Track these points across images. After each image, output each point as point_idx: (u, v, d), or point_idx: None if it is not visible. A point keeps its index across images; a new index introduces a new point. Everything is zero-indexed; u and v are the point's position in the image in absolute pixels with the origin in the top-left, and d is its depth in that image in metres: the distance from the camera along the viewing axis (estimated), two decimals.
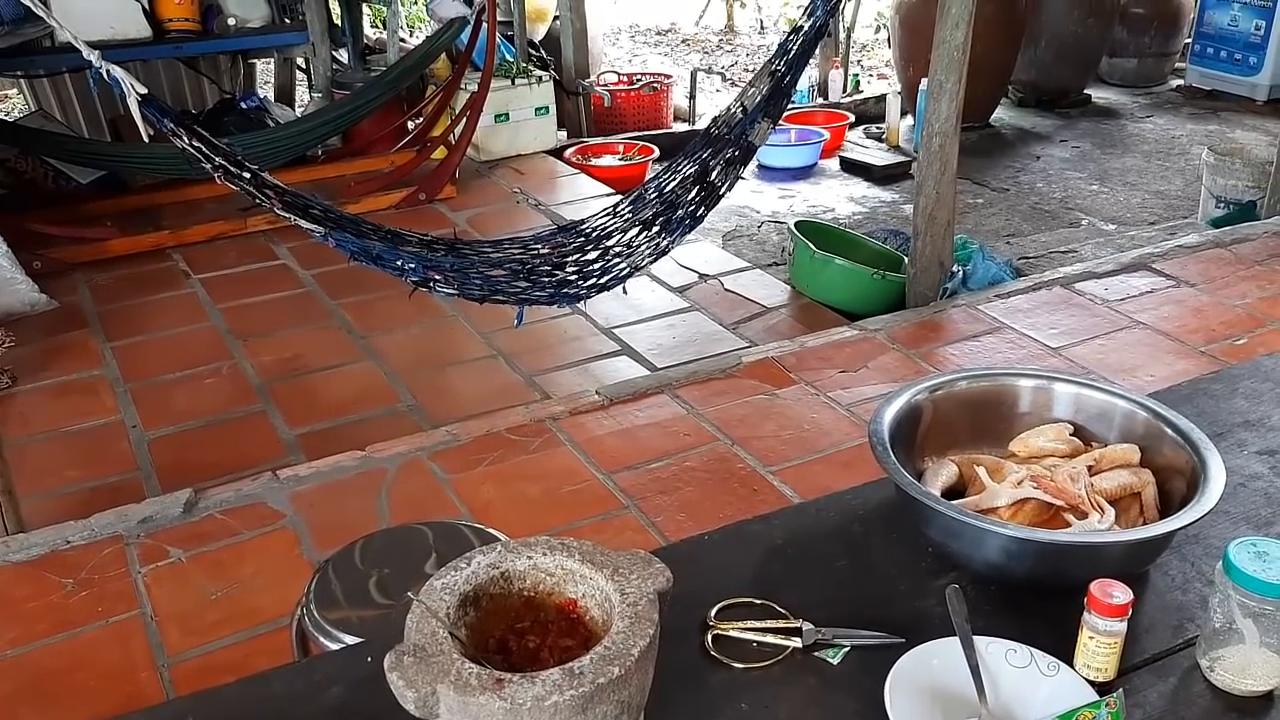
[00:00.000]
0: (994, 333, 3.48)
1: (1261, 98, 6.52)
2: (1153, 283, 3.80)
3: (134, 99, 2.65)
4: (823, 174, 5.75)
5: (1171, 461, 1.33)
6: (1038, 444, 1.40)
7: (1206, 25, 6.70)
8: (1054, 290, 3.76)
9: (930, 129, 3.52)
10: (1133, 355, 3.31)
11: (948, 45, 3.38)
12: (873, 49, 8.52)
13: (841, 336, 3.50)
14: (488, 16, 5.10)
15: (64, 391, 3.45)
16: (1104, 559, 1.20)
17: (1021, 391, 1.45)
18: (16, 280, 3.81)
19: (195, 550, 2.56)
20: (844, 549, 1.34)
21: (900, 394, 1.40)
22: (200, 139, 2.73)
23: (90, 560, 2.53)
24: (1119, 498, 1.30)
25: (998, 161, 5.88)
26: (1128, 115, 6.62)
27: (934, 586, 1.24)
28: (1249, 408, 1.62)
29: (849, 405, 3.09)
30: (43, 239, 4.23)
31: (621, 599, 1.02)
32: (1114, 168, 5.75)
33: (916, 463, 1.40)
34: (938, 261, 3.68)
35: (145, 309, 3.99)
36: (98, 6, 4.55)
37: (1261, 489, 1.43)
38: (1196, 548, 1.31)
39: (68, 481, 2.96)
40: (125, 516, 2.66)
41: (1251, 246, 4.06)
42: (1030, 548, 1.19)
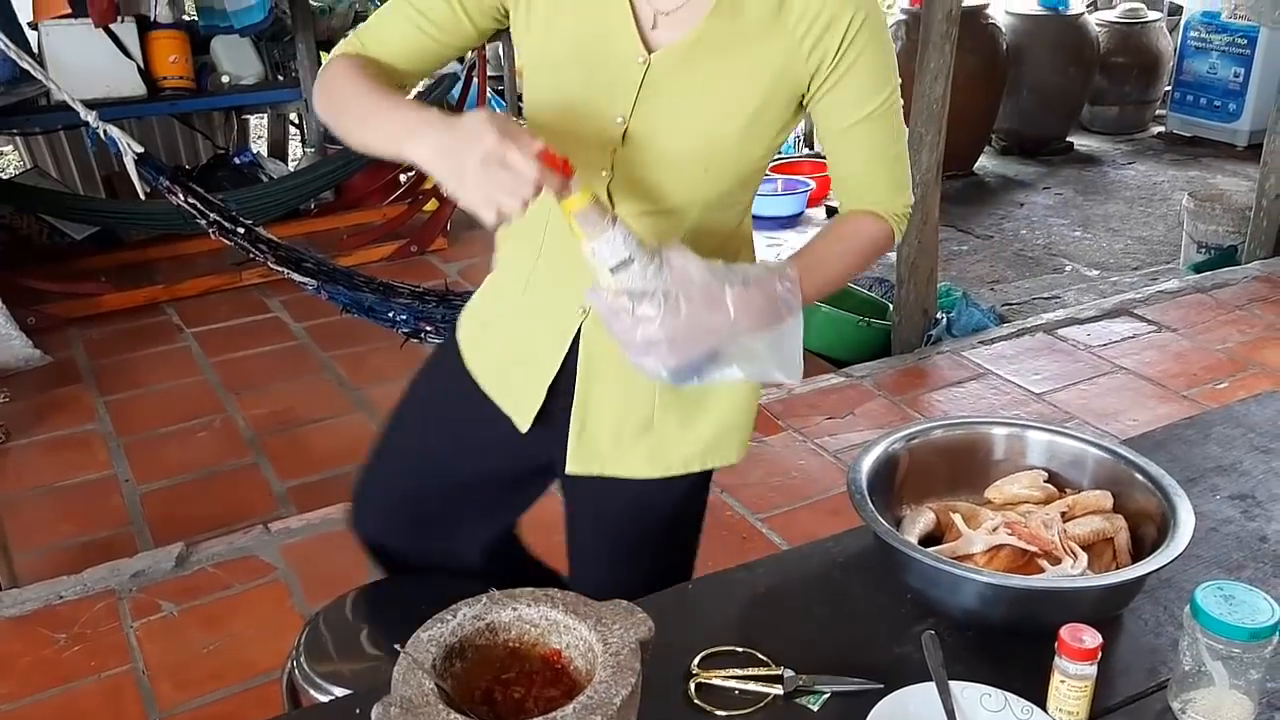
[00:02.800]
0: (978, 379, 3.53)
1: (1242, 143, 6.63)
2: (1135, 328, 3.85)
3: (130, 157, 2.70)
4: (809, 222, 5.82)
5: (1143, 507, 1.36)
6: (1012, 491, 1.43)
7: (1186, 73, 6.83)
8: (1037, 336, 3.81)
9: (912, 180, 3.58)
10: (1115, 400, 3.35)
11: (927, 98, 3.45)
12: None
13: (828, 383, 3.54)
14: (478, 72, 5.19)
15: (57, 446, 3.47)
16: (1077, 603, 1.22)
17: (996, 439, 1.49)
18: (11, 336, 3.83)
19: (187, 604, 2.57)
20: (825, 596, 1.37)
21: (878, 443, 1.44)
22: (195, 195, 2.78)
23: (83, 615, 2.54)
24: (1092, 543, 1.33)
25: (982, 209, 5.96)
26: (1110, 162, 6.72)
27: (912, 633, 1.26)
28: (1221, 453, 1.65)
29: (836, 452, 3.13)
30: (37, 295, 4.27)
31: (604, 649, 1.04)
32: (1097, 214, 5.83)
33: (895, 510, 1.43)
34: (922, 309, 3.74)
35: (139, 363, 4.02)
36: (94, 65, 4.61)
37: (1233, 533, 1.46)
38: (1169, 591, 1.34)
39: (61, 536, 2.97)
40: (118, 571, 2.67)
41: (1232, 291, 4.13)
42: (1005, 593, 1.22)
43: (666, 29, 1.21)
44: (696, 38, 1.20)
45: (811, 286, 1.23)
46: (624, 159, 1.24)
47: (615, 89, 1.22)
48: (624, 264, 1.12)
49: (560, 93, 1.25)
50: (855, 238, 1.33)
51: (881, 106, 1.26)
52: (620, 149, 1.23)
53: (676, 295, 1.10)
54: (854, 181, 1.32)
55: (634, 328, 1.12)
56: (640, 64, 1.20)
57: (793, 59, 1.21)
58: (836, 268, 1.31)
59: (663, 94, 1.22)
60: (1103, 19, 7.00)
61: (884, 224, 1.34)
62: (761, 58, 1.21)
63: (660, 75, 1.21)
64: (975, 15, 5.87)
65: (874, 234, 1.33)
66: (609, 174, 1.25)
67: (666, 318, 1.10)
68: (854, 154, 1.29)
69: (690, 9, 1.20)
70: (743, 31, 1.20)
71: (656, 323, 1.10)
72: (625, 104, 1.22)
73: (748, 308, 1.12)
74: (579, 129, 1.23)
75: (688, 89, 1.22)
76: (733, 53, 1.21)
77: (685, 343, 1.11)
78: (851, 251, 1.32)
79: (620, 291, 1.12)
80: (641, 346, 1.12)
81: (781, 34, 1.20)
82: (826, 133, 1.29)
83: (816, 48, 1.20)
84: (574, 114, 1.23)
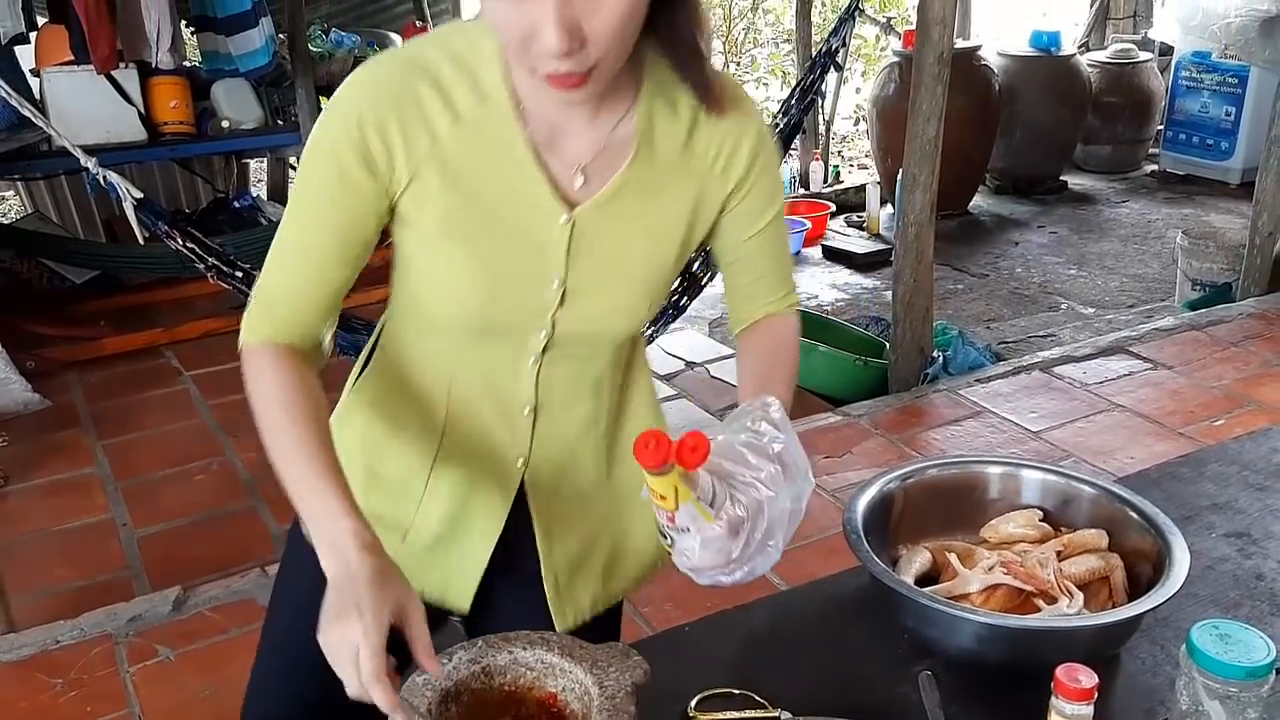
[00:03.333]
0: (975, 417, 3.53)
1: (1234, 181, 6.68)
2: (1130, 366, 3.86)
3: (129, 203, 2.73)
4: (806, 262, 5.86)
5: (1138, 546, 1.37)
6: (1008, 530, 1.43)
7: (1178, 112, 6.89)
8: (1033, 374, 3.82)
9: (906, 219, 3.61)
10: (1112, 438, 3.36)
11: (920, 139, 3.49)
12: (852, 140, 8.71)
13: (826, 422, 3.55)
14: None
15: (55, 491, 3.46)
16: (1074, 643, 1.22)
17: (990, 479, 1.49)
18: (10, 380, 3.85)
19: (184, 649, 2.56)
20: (823, 636, 1.37)
21: (873, 483, 1.44)
22: (194, 240, 2.80)
23: (79, 660, 2.53)
24: (1088, 582, 1.34)
25: (977, 248, 5.99)
26: (1104, 201, 6.76)
27: (909, 673, 1.26)
28: (1216, 491, 1.65)
29: (834, 491, 3.13)
30: (37, 339, 4.29)
31: (600, 692, 1.04)
32: (1091, 252, 5.86)
33: (891, 550, 1.43)
34: (918, 347, 3.75)
35: (137, 406, 4.03)
36: (95, 111, 4.65)
37: (1229, 571, 1.46)
38: (1166, 630, 1.34)
39: (58, 581, 2.96)
40: (114, 615, 2.67)
41: (1227, 328, 4.14)
42: (1001, 633, 1.22)
43: (585, 185, 1.18)
44: (618, 187, 1.19)
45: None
46: (564, 316, 1.22)
47: (544, 252, 1.18)
48: (685, 530, 1.06)
49: (482, 272, 1.18)
50: (787, 346, 1.36)
51: (778, 213, 1.31)
52: (560, 309, 1.22)
53: (759, 508, 1.07)
54: (756, 286, 1.35)
55: (731, 555, 1.08)
56: (565, 224, 1.17)
57: (708, 187, 1.24)
58: (791, 384, 1.33)
59: (594, 248, 1.20)
60: (1094, 59, 7.07)
61: (790, 319, 1.38)
62: (681, 192, 1.22)
63: (588, 230, 1.19)
64: (968, 57, 5.93)
65: (793, 335, 1.38)
66: (547, 334, 1.23)
67: (752, 534, 1.08)
68: (756, 261, 1.33)
69: (606, 160, 1.18)
70: (659, 172, 1.21)
71: (746, 545, 1.08)
72: (558, 265, 1.19)
73: (784, 483, 1.11)
74: (510, 301, 1.20)
75: (619, 237, 1.21)
76: (654, 194, 1.21)
77: (759, 544, 1.10)
78: (793, 361, 1.35)
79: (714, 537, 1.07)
80: (733, 567, 1.09)
81: (694, 166, 1.22)
82: (731, 245, 1.31)
83: (728, 172, 1.23)
84: (502, 289, 1.19)
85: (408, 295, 1.26)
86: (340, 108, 1.13)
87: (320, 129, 1.14)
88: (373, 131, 1.11)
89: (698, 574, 1.08)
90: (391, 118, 1.11)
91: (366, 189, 1.14)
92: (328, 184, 1.14)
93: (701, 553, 1.05)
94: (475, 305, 1.19)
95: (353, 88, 1.13)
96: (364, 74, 1.14)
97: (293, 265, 1.18)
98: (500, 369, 1.26)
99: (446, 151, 1.14)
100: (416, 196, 1.15)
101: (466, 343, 1.25)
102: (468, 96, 1.14)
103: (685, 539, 1.05)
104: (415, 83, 1.12)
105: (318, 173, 1.14)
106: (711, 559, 1.06)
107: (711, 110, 1.19)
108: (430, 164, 1.14)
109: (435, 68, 1.13)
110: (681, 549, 1.06)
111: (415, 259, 1.20)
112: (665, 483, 1.02)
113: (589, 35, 1.01)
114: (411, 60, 1.14)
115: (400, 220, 1.18)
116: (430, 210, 1.15)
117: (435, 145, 1.13)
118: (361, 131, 1.11)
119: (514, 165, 1.15)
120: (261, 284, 1.19)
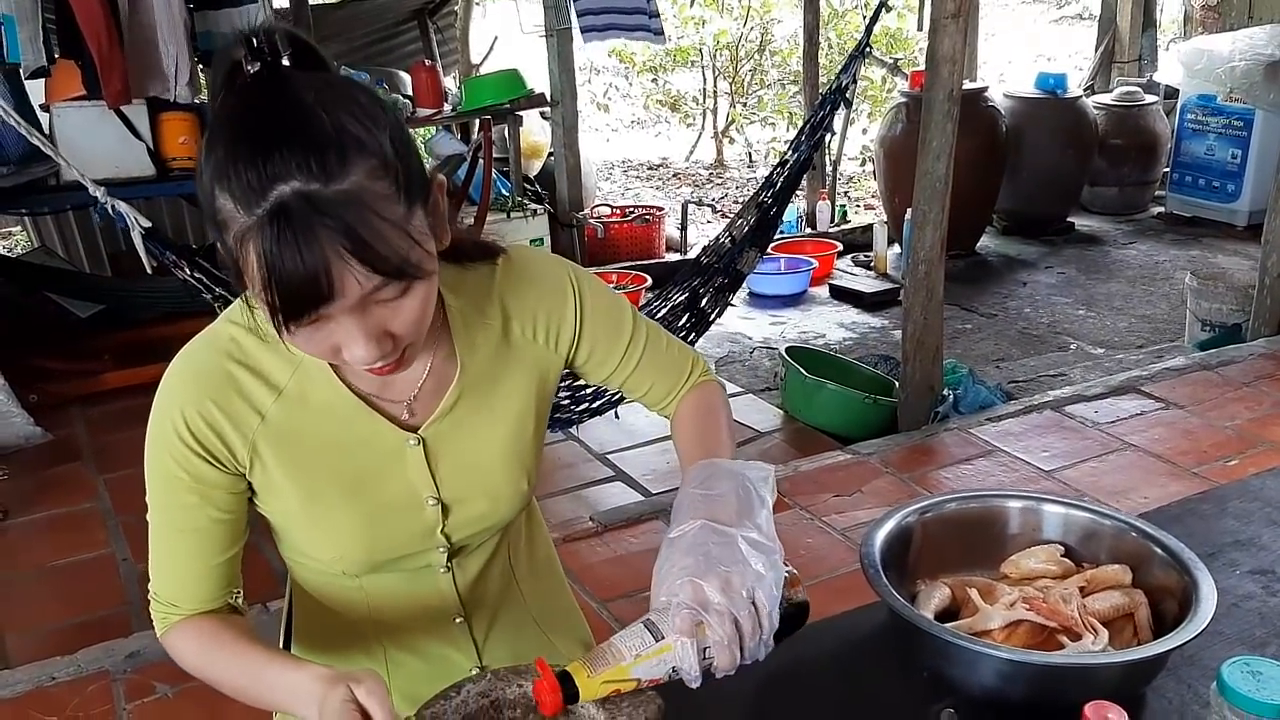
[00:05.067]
0: (986, 456, 3.50)
1: (1241, 223, 6.67)
2: (1142, 405, 3.83)
3: (138, 232, 2.72)
4: (813, 301, 5.84)
5: (1163, 582, 1.33)
6: (1029, 565, 1.39)
7: (1184, 154, 6.90)
8: (1045, 413, 3.79)
9: (916, 257, 3.60)
10: (1125, 477, 3.32)
11: (930, 176, 3.48)
12: (859, 180, 8.74)
13: (834, 460, 3.51)
14: (484, 153, 5.25)
15: (55, 525, 3.43)
16: (1099, 680, 1.19)
17: (1011, 513, 1.46)
18: (13, 414, 3.82)
19: (182, 685, 2.51)
20: (839, 675, 1.33)
21: (890, 516, 1.41)
22: (201, 270, 2.79)
23: (76, 697, 2.49)
24: (1112, 619, 1.30)
25: (985, 288, 5.98)
26: (1111, 242, 6.76)
27: (929, 711, 1.22)
28: (1239, 527, 1.62)
29: (844, 530, 3.09)
30: (41, 373, 4.27)
31: None
32: (1100, 293, 5.84)
33: (909, 586, 1.39)
34: (928, 386, 3.72)
35: (139, 441, 3.96)
36: (104, 146, 4.65)
37: (1255, 609, 1.43)
38: (1192, 670, 1.30)
39: (55, 618, 2.92)
40: (112, 651, 2.62)
41: (1238, 369, 4.11)
42: (1025, 670, 1.19)
43: (420, 408, 1.19)
44: (452, 402, 1.20)
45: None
46: (453, 526, 1.23)
47: (408, 479, 1.19)
48: (675, 670, 1.02)
49: (354, 519, 1.18)
50: (713, 410, 1.34)
51: (634, 329, 1.31)
52: (446, 523, 1.22)
53: (732, 622, 1.00)
54: (656, 389, 1.35)
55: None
56: (415, 445, 1.18)
57: (545, 360, 1.25)
58: (728, 440, 1.30)
59: (452, 455, 1.21)
60: (1100, 101, 7.09)
61: (707, 387, 1.37)
62: (519, 377, 1.24)
63: (440, 443, 1.20)
64: (975, 98, 5.95)
65: (715, 398, 1.36)
66: (445, 548, 1.24)
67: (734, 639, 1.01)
68: (642, 375, 1.33)
69: (434, 385, 1.19)
70: (488, 372, 1.22)
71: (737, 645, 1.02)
72: (426, 485, 1.20)
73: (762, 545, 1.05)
74: (393, 534, 1.20)
75: (472, 438, 1.22)
76: (491, 391, 1.22)
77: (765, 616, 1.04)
78: (723, 420, 1.33)
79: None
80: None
81: (521, 352, 1.24)
82: (608, 376, 1.33)
83: (558, 340, 1.25)
84: (380, 527, 1.19)
85: (295, 552, 1.26)
86: (166, 404, 1.13)
87: (153, 427, 1.14)
88: (201, 423, 1.12)
89: (730, 669, 1.03)
90: (215, 405, 1.12)
91: (216, 478, 1.14)
92: (178, 486, 1.14)
93: (699, 664, 1.01)
94: (361, 549, 1.19)
95: (171, 379, 1.14)
96: (180, 364, 1.15)
97: (177, 565, 1.18)
98: (416, 591, 1.27)
99: (278, 426, 1.14)
100: (263, 472, 1.16)
101: (373, 577, 1.25)
102: (283, 369, 1.14)
103: (683, 674, 1.01)
104: (229, 366, 1.13)
105: (165, 476, 1.14)
106: (719, 658, 1.01)
107: (495, 263, 1.20)
108: (264, 440, 1.14)
109: (244, 348, 1.14)
110: (694, 679, 1.02)
111: (285, 526, 1.21)
112: (595, 691, 1.00)
113: (396, 333, 1.01)
114: (220, 344, 1.15)
115: (258, 495, 1.19)
116: (279, 481, 1.16)
117: (265, 422, 1.14)
118: (190, 427, 1.11)
119: (347, 419, 1.16)
120: (155, 586, 1.19)
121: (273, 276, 0.92)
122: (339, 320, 0.97)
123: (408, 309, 1.00)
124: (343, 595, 1.27)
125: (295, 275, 0.92)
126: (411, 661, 1.29)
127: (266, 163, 0.91)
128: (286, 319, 0.95)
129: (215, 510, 1.15)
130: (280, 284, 0.93)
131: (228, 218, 0.94)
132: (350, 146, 0.93)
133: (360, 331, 0.98)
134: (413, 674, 1.31)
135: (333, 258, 0.92)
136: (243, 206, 0.92)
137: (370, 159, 0.94)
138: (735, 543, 1.03)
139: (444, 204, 1.07)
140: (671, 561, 1.03)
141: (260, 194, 0.91)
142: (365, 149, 0.94)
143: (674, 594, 1.00)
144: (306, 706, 1.02)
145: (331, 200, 0.91)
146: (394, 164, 0.96)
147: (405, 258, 0.96)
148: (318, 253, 0.91)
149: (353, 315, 0.97)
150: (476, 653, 1.33)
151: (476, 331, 1.20)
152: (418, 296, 1.00)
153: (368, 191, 0.94)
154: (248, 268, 0.95)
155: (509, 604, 1.37)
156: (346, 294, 0.94)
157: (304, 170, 0.91)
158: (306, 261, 0.91)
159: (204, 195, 0.96)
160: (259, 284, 0.94)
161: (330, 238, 0.91)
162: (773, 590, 1.03)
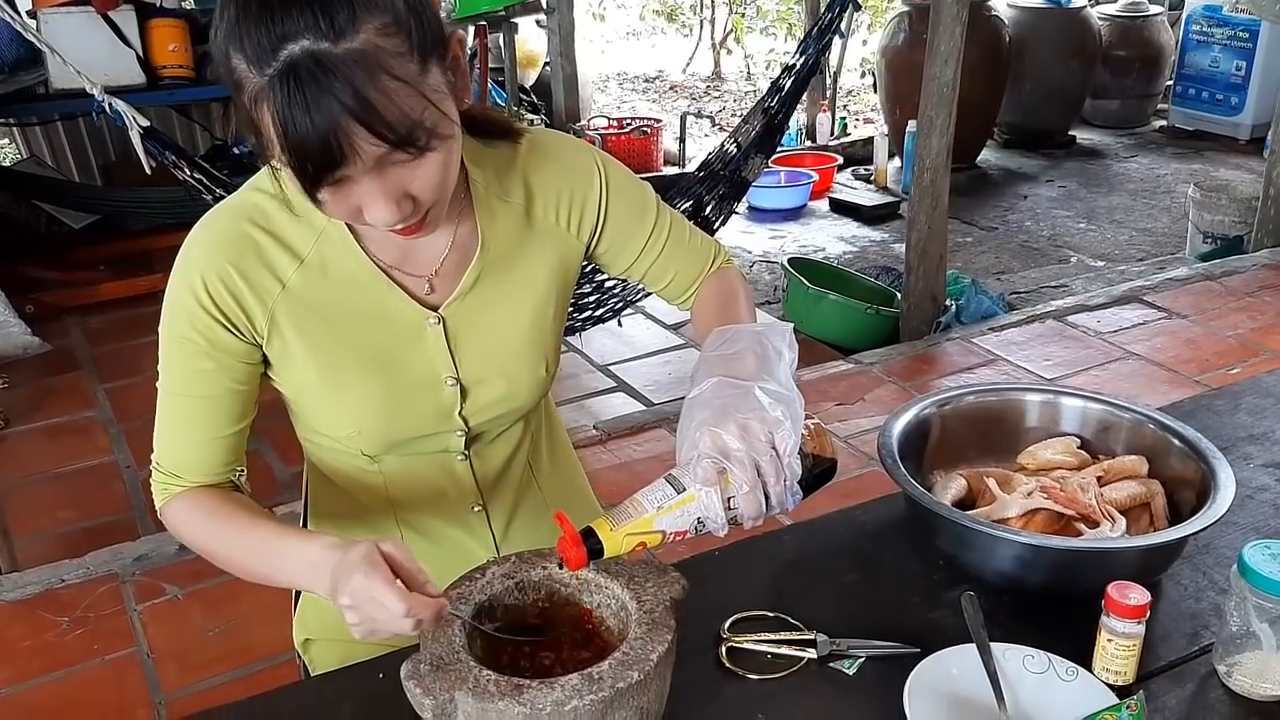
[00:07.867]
0: (989, 365, 3.50)
1: (1244, 137, 6.61)
2: (1144, 315, 3.83)
3: (136, 131, 2.68)
4: (813, 215, 5.80)
5: (1179, 472, 1.33)
6: (1046, 456, 1.40)
7: (1188, 67, 6.81)
8: (1047, 323, 3.78)
9: (921, 164, 3.56)
10: (1128, 385, 3.33)
11: (937, 81, 3.42)
12: (859, 94, 8.61)
13: (837, 370, 3.51)
14: (479, 62, 5.16)
15: (57, 433, 3.43)
16: (1118, 565, 1.19)
17: (1028, 406, 1.46)
18: (10, 324, 3.80)
19: (192, 587, 2.54)
20: (855, 563, 1.34)
21: (908, 408, 1.40)
22: (201, 171, 2.75)
23: (85, 599, 2.50)
24: (1129, 508, 1.30)
25: (985, 201, 5.94)
26: (1112, 155, 6.70)
27: (947, 598, 1.23)
28: (1253, 422, 1.62)
29: (847, 438, 3.09)
30: (36, 283, 4.24)
31: (638, 606, 1.01)
32: (1101, 206, 5.81)
33: (925, 477, 1.39)
34: (931, 295, 3.71)
35: (137, 351, 3.97)
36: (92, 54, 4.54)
37: (1270, 500, 1.43)
38: (1208, 557, 1.31)
39: (61, 522, 2.94)
40: (120, 555, 2.64)
41: (1240, 279, 4.10)
42: (1044, 555, 1.19)
43: (441, 285, 1.17)
44: (473, 280, 1.18)
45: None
46: (471, 409, 1.22)
47: (428, 357, 1.18)
48: (700, 522, 1.00)
49: (372, 395, 1.17)
50: (734, 289, 1.31)
51: (658, 216, 1.29)
52: (464, 405, 1.21)
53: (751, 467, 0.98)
54: (682, 278, 1.33)
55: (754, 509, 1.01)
56: (435, 324, 1.17)
57: (564, 242, 1.23)
58: (749, 310, 1.29)
59: (473, 337, 1.19)
60: (1104, 13, 6.97)
61: (726, 272, 1.35)
62: (539, 259, 1.22)
63: (460, 323, 1.18)
64: (979, 8, 5.84)
65: (736, 280, 1.34)
66: (463, 432, 1.23)
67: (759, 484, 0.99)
68: (665, 265, 1.31)
69: (455, 261, 1.17)
70: (510, 252, 1.20)
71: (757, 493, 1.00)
72: (445, 365, 1.18)
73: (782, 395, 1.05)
74: (410, 412, 1.19)
75: (493, 320, 1.20)
76: (512, 272, 1.20)
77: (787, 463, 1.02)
78: (744, 296, 1.31)
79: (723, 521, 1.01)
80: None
81: (543, 232, 1.22)
82: (630, 264, 1.31)
83: (581, 223, 1.23)
84: (397, 404, 1.18)
85: (311, 432, 1.25)
86: (185, 269, 1.11)
87: (172, 293, 1.12)
88: (221, 288, 1.10)
89: (757, 518, 1.02)
90: (235, 271, 1.10)
91: (233, 345, 1.13)
92: (194, 352, 1.12)
93: (725, 513, 1.00)
94: (379, 425, 1.18)
95: (193, 243, 1.12)
96: (201, 231, 1.13)
97: (184, 433, 1.16)
98: (433, 476, 1.27)
99: (298, 295, 1.13)
100: (280, 341, 1.14)
101: (391, 460, 1.24)
102: (305, 238, 1.12)
103: (709, 524, 1.00)
104: (252, 231, 1.11)
105: (180, 341, 1.12)
106: (744, 507, 1.00)
107: (518, 142, 1.19)
108: (284, 309, 1.13)
109: (267, 214, 1.12)
110: (719, 526, 1.01)
111: (301, 401, 1.20)
112: (619, 545, 0.98)
113: (416, 195, 1.00)
114: (244, 209, 1.12)
115: (273, 368, 1.17)
116: (297, 352, 1.14)
117: (285, 291, 1.12)
118: (210, 291, 1.10)
119: (368, 291, 1.15)
120: (158, 455, 1.17)
121: (287, 139, 0.91)
122: (359, 181, 0.96)
123: (427, 172, 0.98)
124: (361, 478, 1.26)
125: (307, 138, 0.90)
126: (428, 547, 1.29)
127: (276, 22, 0.89)
128: (307, 182, 0.94)
129: (228, 379, 1.14)
130: (294, 147, 0.91)
131: (242, 78, 0.92)
132: (360, 3, 0.91)
133: (380, 192, 0.97)
134: (429, 560, 1.30)
135: (341, 121, 0.90)
136: (255, 67, 0.90)
137: (382, 15, 0.92)
138: (751, 392, 1.02)
139: (464, 60, 1.04)
140: (690, 417, 1.02)
141: (271, 53, 0.89)
142: (376, 5, 0.92)
143: (694, 446, 0.99)
144: (319, 577, 1.00)
145: (340, 60, 0.89)
146: (407, 20, 0.94)
147: (417, 122, 0.94)
148: (327, 116, 0.89)
149: (371, 176, 0.96)
150: (494, 543, 1.33)
151: (499, 208, 1.19)
152: (437, 159, 0.98)
153: (379, 50, 0.91)
154: (264, 130, 0.93)
155: (528, 499, 1.37)
156: (361, 156, 0.92)
157: (313, 29, 0.89)
158: (317, 124, 0.90)
159: (218, 55, 0.94)
160: (277, 146, 0.93)
161: (338, 100, 0.89)
162: (791, 436, 1.01)
